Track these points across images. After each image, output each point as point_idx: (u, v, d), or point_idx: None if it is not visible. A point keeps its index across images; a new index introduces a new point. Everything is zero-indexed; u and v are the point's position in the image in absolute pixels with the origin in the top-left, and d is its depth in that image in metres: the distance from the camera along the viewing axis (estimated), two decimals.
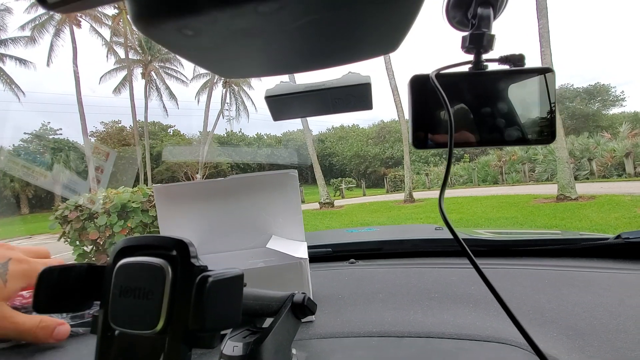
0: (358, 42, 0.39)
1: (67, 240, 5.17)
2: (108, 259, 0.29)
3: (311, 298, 0.61)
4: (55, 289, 0.28)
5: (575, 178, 11.84)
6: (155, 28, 0.32)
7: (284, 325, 0.35)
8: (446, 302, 0.62)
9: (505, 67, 0.41)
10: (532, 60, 0.42)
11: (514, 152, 18.25)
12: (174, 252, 0.25)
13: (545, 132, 0.41)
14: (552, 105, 0.40)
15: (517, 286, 0.68)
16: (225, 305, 0.24)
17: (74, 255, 5.19)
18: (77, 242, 5.13)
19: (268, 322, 0.37)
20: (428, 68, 0.43)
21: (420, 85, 0.42)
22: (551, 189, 10.86)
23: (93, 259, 5.18)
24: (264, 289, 0.39)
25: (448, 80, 0.41)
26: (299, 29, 0.34)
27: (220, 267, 0.69)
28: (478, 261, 0.91)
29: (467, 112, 0.41)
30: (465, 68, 0.42)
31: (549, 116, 0.41)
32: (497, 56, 0.42)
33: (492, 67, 0.42)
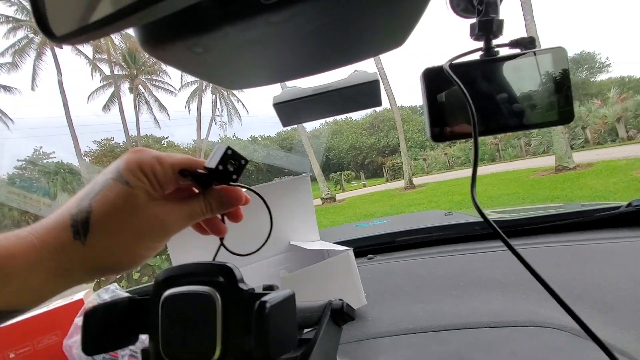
0: (366, 40, 0.38)
1: None
2: (145, 289, 0.28)
3: (362, 290, 0.61)
4: (102, 327, 0.28)
5: (571, 147, 11.87)
6: (164, 50, 0.31)
7: (327, 335, 0.35)
8: (473, 289, 0.62)
9: (516, 50, 0.41)
10: (518, 33, 0.41)
11: None
12: (220, 279, 0.25)
13: (563, 111, 0.40)
14: (568, 83, 0.40)
15: (538, 265, 0.67)
16: (285, 328, 0.24)
17: None
18: None
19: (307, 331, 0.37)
20: (424, 55, 0.43)
21: (433, 78, 0.41)
22: (549, 161, 10.89)
23: (103, 278, 5.17)
24: (308, 298, 0.38)
25: (461, 69, 0.40)
26: (309, 34, 0.33)
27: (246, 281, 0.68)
28: (493, 244, 0.91)
29: (484, 100, 0.41)
30: (476, 56, 0.41)
31: (565, 95, 0.40)
32: (506, 41, 0.41)
33: (503, 52, 0.41)
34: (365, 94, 0.51)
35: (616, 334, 0.44)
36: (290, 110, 0.55)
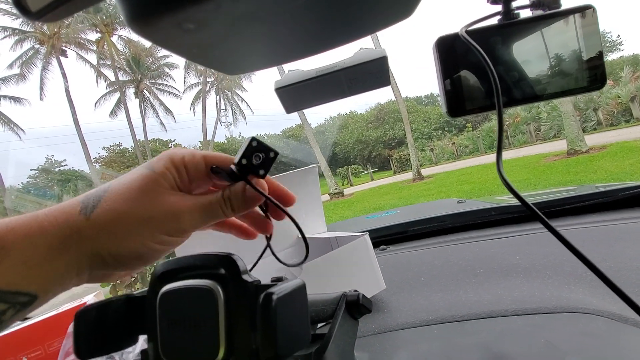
0: (371, 10, 0.35)
1: None
2: (144, 287, 0.26)
3: (380, 275, 0.59)
4: (95, 329, 0.26)
5: (583, 130, 11.59)
6: (153, 27, 0.28)
7: (342, 329, 0.32)
8: (494, 276, 0.59)
9: (540, 12, 0.37)
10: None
11: (517, 113, 17.90)
12: (222, 271, 0.22)
13: (594, 77, 0.37)
14: (599, 45, 0.36)
15: (564, 249, 0.64)
16: (295, 323, 0.21)
17: None
18: None
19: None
20: (424, 48, 0.39)
21: (448, 47, 0.38)
22: (560, 145, 10.65)
23: (118, 281, 5.24)
24: (322, 288, 0.36)
25: (478, 37, 0.37)
26: (307, 5, 0.30)
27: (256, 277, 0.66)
28: (511, 229, 0.87)
29: (505, 68, 0.37)
30: (494, 21, 0.38)
31: (596, 59, 0.36)
32: (527, 2, 0.37)
33: (524, 14, 0.37)
34: (372, 72, 0.48)
35: None
36: (294, 94, 0.52)
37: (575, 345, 0.35)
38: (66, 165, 28.71)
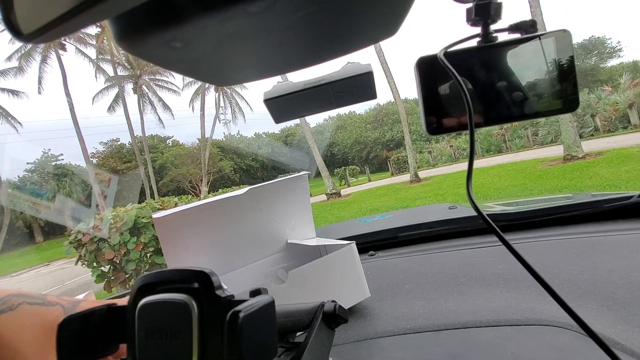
0: (356, 29, 0.36)
1: (84, 263, 5.24)
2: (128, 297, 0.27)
3: (365, 283, 0.60)
4: (78, 337, 0.27)
5: (580, 136, 11.64)
6: (141, 46, 0.30)
7: (318, 338, 0.33)
8: (476, 285, 0.60)
9: (517, 35, 0.39)
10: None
11: None
12: (197, 285, 0.23)
13: (568, 99, 0.38)
14: (572, 69, 0.38)
15: (547, 260, 0.66)
16: (261, 339, 0.22)
17: (93, 277, 5.25)
18: (94, 264, 5.19)
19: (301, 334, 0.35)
20: (426, 45, 0.40)
21: (428, 67, 0.39)
22: (557, 151, 10.72)
23: (112, 277, 5.24)
24: (295, 302, 0.37)
25: (457, 58, 0.38)
26: (292, 25, 0.32)
27: (242, 284, 0.67)
28: (496, 238, 0.89)
29: (482, 89, 0.38)
30: (473, 42, 0.39)
31: (570, 82, 0.38)
32: (506, 25, 0.39)
33: (502, 37, 0.39)
34: (359, 86, 0.49)
35: (627, 332, 0.42)
36: (282, 105, 0.53)
37: (539, 357, 0.36)
38: (63, 159, 28.59)
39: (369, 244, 0.98)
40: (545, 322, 0.43)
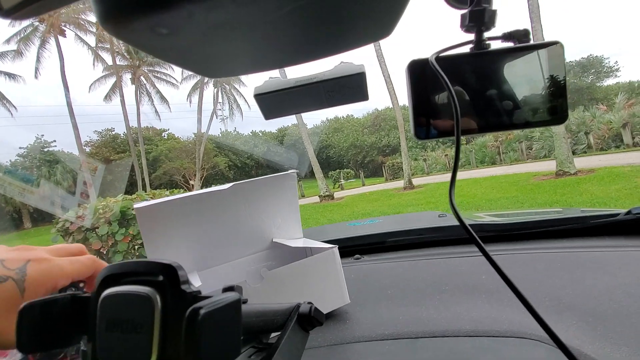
0: (348, 29, 0.35)
1: None
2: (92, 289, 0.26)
3: (346, 289, 0.59)
4: (39, 325, 0.26)
5: (573, 152, 11.80)
6: (125, 29, 0.29)
7: (290, 340, 0.32)
8: (459, 294, 0.60)
9: (509, 44, 0.38)
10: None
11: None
12: (162, 279, 0.23)
13: (557, 111, 0.38)
14: (563, 81, 0.38)
15: (530, 272, 0.66)
16: (222, 339, 0.21)
17: None
18: None
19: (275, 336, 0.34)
20: (426, 53, 0.40)
21: (419, 71, 0.39)
22: (550, 166, 10.84)
23: None
24: (268, 302, 0.36)
25: (449, 63, 0.38)
26: (283, 18, 0.31)
27: (223, 280, 0.66)
28: (486, 248, 0.89)
29: (472, 96, 0.38)
30: (466, 49, 0.39)
31: (560, 94, 0.38)
32: (499, 33, 0.39)
33: (495, 45, 0.39)
34: (350, 87, 0.48)
35: (606, 349, 0.42)
36: (273, 102, 0.52)
37: None
38: (55, 146, 28.24)
39: (356, 247, 0.98)
40: (522, 335, 0.42)
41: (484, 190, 9.73)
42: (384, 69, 13.09)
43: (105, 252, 5.13)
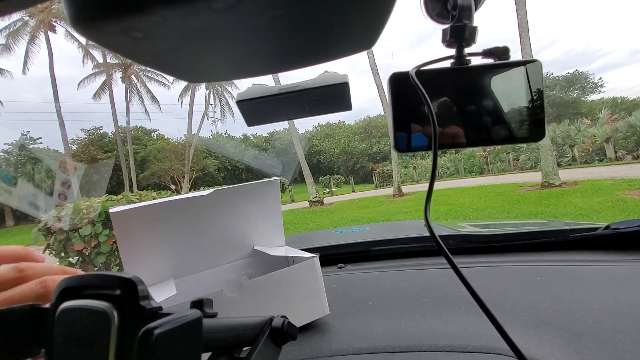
0: (331, 39, 0.35)
1: (51, 252, 5.02)
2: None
3: (325, 300, 0.58)
4: None
5: (558, 165, 12.06)
6: (97, 31, 0.28)
7: (261, 355, 0.32)
8: (438, 307, 0.60)
9: (489, 61, 0.39)
10: (512, 51, 0.39)
11: None
12: (118, 292, 0.22)
13: (534, 129, 0.38)
14: (541, 99, 0.38)
15: (509, 285, 0.66)
16: None
17: None
18: (62, 254, 4.98)
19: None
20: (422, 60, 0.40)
21: (400, 84, 0.39)
22: (535, 177, 11.04)
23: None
24: (243, 315, 0.35)
25: (430, 77, 0.38)
26: (262, 26, 0.30)
27: (201, 288, 0.64)
28: (464, 259, 0.90)
29: (452, 110, 0.38)
30: (447, 63, 0.39)
31: (538, 111, 0.38)
32: (480, 50, 0.39)
33: (476, 61, 0.39)
34: (333, 96, 0.48)
35: None
36: (255, 108, 0.52)
37: None
38: (41, 143, 27.63)
39: (340, 255, 0.97)
40: (498, 351, 0.42)
41: (472, 199, 9.85)
42: (376, 75, 13.22)
43: (87, 254, 5.00)
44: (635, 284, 0.61)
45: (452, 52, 0.39)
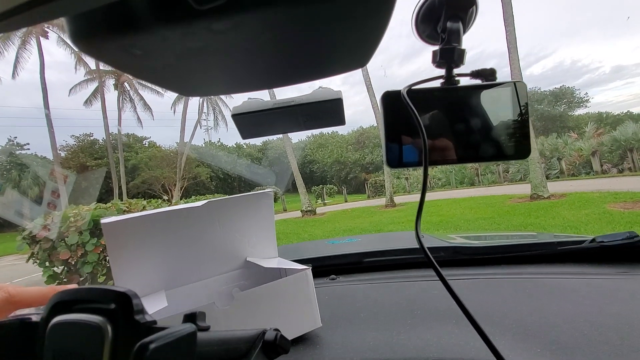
0: (326, 58, 0.36)
1: (35, 262, 4.89)
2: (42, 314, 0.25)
3: (318, 312, 0.58)
4: None
5: (547, 177, 12.29)
6: (97, 48, 0.29)
7: None
8: (429, 319, 0.60)
9: (477, 81, 0.40)
10: (502, 65, 0.41)
11: None
12: (115, 308, 0.22)
13: (520, 147, 0.40)
14: (526, 118, 0.40)
15: (499, 298, 0.67)
16: None
17: (44, 277, 4.90)
18: (47, 263, 4.85)
19: None
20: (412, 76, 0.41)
21: (392, 102, 0.40)
22: (525, 189, 11.21)
23: (64, 279, 4.91)
24: (234, 328, 0.35)
25: (420, 96, 0.39)
26: (259, 46, 0.31)
27: (193, 300, 0.64)
28: (455, 271, 0.91)
29: (441, 128, 0.39)
30: (437, 83, 0.40)
31: (523, 130, 0.40)
32: (468, 71, 0.41)
33: (464, 81, 0.40)
34: (327, 112, 0.49)
35: None
36: (250, 122, 0.52)
37: None
38: (29, 149, 27.18)
39: (332, 267, 0.97)
40: None
41: (463, 210, 9.93)
42: (369, 87, 13.39)
43: (74, 263, 4.89)
44: (619, 296, 0.63)
45: (442, 72, 0.40)
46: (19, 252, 5.17)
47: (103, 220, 0.54)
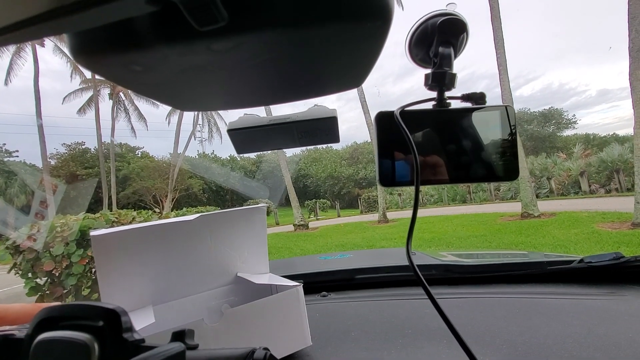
0: (322, 77, 0.37)
1: (17, 272, 4.74)
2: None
3: (308, 330, 0.57)
4: None
5: (537, 196, 12.46)
6: (98, 64, 0.29)
7: None
8: (420, 338, 0.60)
9: (468, 104, 0.42)
10: (493, 86, 0.43)
11: None
12: (103, 325, 0.21)
13: (508, 168, 0.41)
14: (514, 141, 0.41)
15: (490, 317, 0.67)
16: None
17: (25, 288, 4.75)
18: (30, 274, 4.71)
19: None
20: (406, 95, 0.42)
21: (386, 122, 0.41)
22: (515, 207, 11.34)
23: (47, 292, 4.76)
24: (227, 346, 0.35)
25: (413, 117, 0.40)
26: (258, 65, 0.32)
27: (181, 316, 0.63)
28: (446, 290, 0.90)
29: (433, 148, 0.40)
30: (429, 105, 0.42)
31: (511, 152, 0.41)
32: (459, 94, 0.42)
33: (455, 104, 0.42)
34: (322, 129, 0.50)
35: None
36: (246, 138, 0.53)
37: None
38: (17, 156, 26.77)
39: (324, 283, 0.96)
40: None
41: (454, 228, 9.97)
42: (364, 103, 13.58)
43: (58, 274, 4.75)
44: (607, 317, 0.63)
45: (434, 94, 0.42)
46: (1, 262, 5.02)
47: (92, 233, 0.53)
